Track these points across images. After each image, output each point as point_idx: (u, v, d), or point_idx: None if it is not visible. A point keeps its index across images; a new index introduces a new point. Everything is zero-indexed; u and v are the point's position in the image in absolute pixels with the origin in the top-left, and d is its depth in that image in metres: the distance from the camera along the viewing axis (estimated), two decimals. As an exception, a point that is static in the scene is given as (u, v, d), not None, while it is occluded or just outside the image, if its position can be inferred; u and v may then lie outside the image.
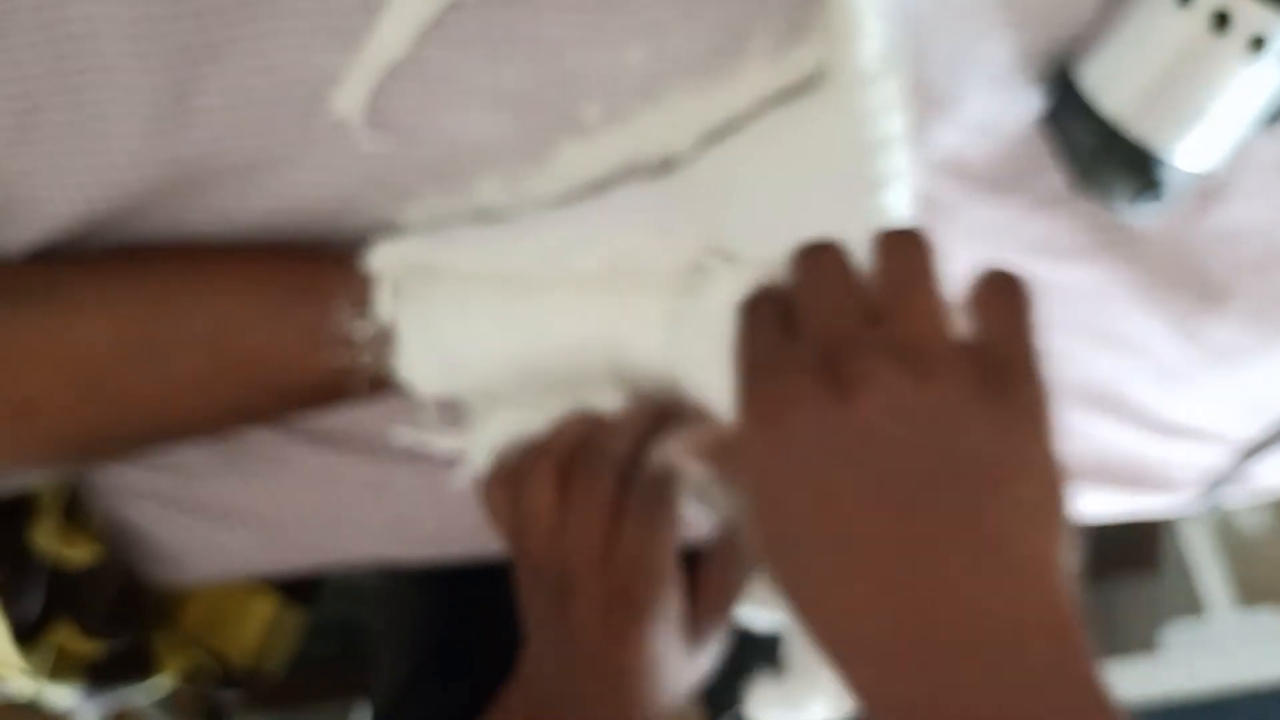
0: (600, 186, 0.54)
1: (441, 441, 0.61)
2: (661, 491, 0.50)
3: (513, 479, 0.52)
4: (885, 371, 0.38)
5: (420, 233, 0.55)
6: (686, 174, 0.54)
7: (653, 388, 0.53)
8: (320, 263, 0.54)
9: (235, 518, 0.68)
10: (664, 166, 0.54)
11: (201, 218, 0.55)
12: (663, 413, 0.51)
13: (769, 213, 0.53)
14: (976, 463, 0.37)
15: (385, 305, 0.53)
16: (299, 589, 0.83)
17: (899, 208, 0.52)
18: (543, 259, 0.53)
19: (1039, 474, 0.38)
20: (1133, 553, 1.91)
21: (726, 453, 0.46)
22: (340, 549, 0.69)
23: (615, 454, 0.50)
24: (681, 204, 0.53)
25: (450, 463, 0.61)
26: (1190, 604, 1.63)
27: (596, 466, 0.49)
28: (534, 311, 0.53)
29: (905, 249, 0.42)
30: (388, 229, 0.55)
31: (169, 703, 0.80)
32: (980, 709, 0.34)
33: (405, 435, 0.62)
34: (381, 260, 0.53)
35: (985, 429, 0.37)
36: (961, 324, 0.42)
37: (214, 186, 0.54)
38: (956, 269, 0.55)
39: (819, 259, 0.43)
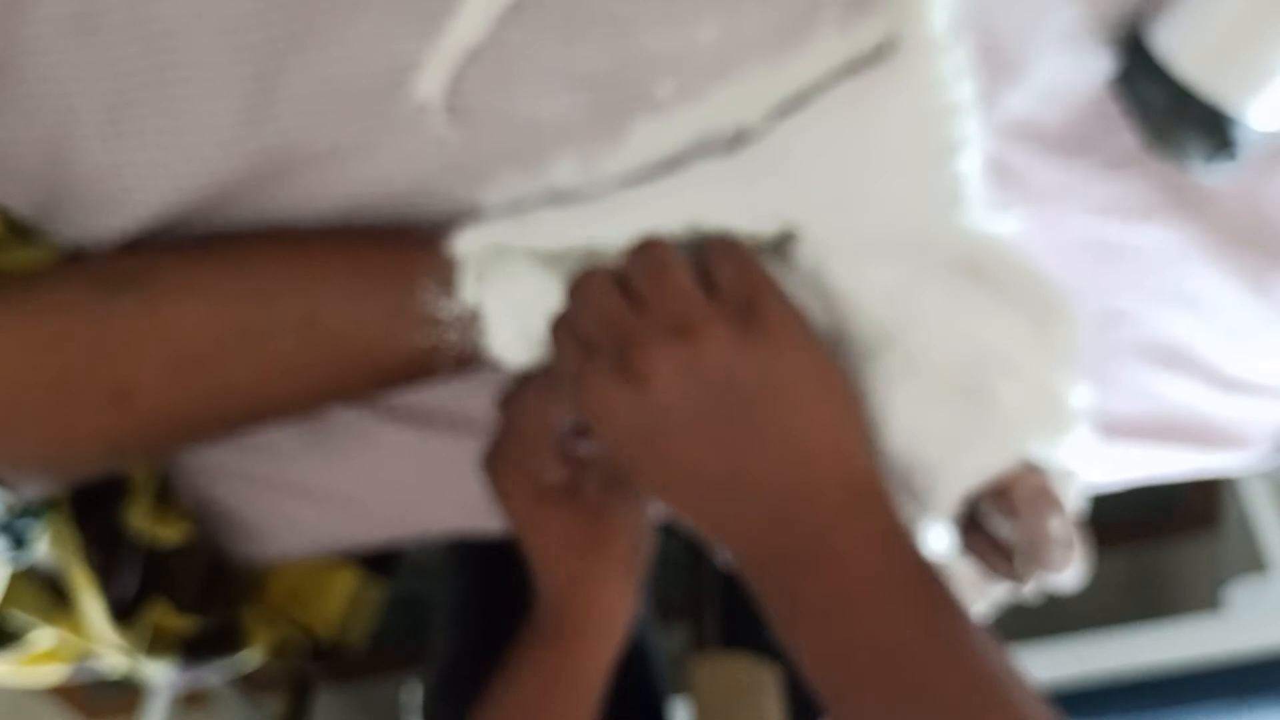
0: (673, 163, 0.56)
1: None
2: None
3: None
4: (662, 352, 0.49)
5: (500, 215, 0.56)
6: (758, 148, 0.55)
7: None
8: (405, 246, 0.56)
9: (320, 494, 0.70)
10: (736, 141, 0.55)
11: (287, 205, 0.57)
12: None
13: (841, 182, 0.54)
14: (751, 386, 0.50)
15: (470, 287, 0.55)
16: (380, 562, 0.86)
17: (970, 173, 0.53)
18: (621, 237, 0.54)
19: (802, 378, 0.51)
20: (1195, 512, 1.91)
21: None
22: (422, 522, 0.72)
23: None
24: (754, 177, 0.55)
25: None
26: (1253, 562, 1.62)
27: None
28: None
29: (646, 250, 0.53)
30: (468, 211, 0.57)
31: (249, 680, 0.82)
32: (789, 537, 0.50)
33: None
34: (465, 244, 0.55)
35: (749, 359, 0.50)
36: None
37: (299, 174, 0.55)
38: (1026, 233, 0.56)
39: (582, 285, 0.53)
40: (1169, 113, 0.52)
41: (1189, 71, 0.51)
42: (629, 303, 0.52)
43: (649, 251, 0.53)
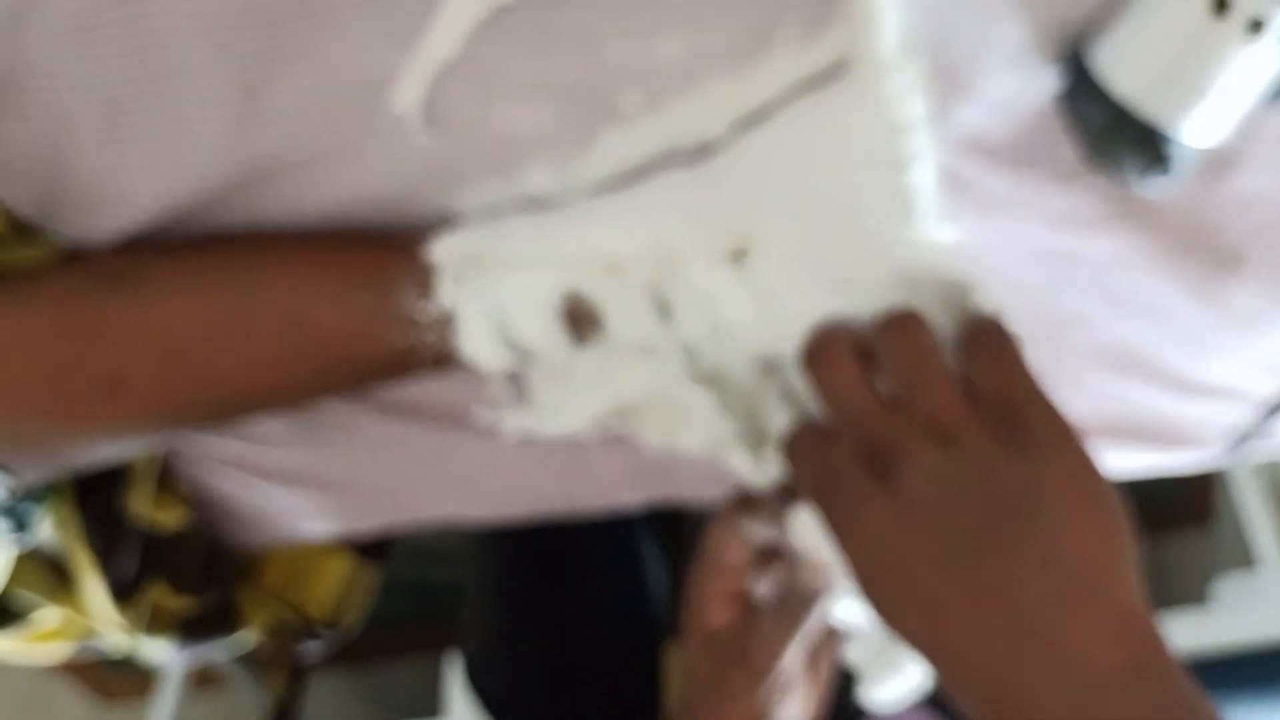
0: (641, 173, 0.58)
1: (512, 419, 0.65)
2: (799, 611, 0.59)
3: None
4: (916, 451, 0.45)
5: (476, 221, 0.58)
6: (721, 160, 0.57)
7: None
8: (385, 249, 0.58)
9: (312, 483, 0.72)
10: (700, 153, 0.57)
11: (275, 209, 0.59)
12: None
13: (800, 194, 0.56)
14: (1011, 500, 0.44)
15: (447, 290, 0.57)
16: (372, 548, 0.88)
17: (923, 186, 0.55)
18: (588, 246, 0.56)
19: (1070, 494, 0.44)
20: (1186, 507, 1.91)
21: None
22: (408, 510, 0.74)
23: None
24: (717, 188, 0.57)
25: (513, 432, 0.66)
26: (1242, 557, 1.63)
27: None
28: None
29: (905, 332, 0.49)
30: (446, 216, 0.59)
31: (252, 659, 0.84)
32: (1052, 701, 0.41)
33: (483, 415, 0.67)
34: (442, 251, 0.57)
35: (1010, 471, 0.44)
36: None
37: (286, 180, 0.57)
38: (980, 242, 0.57)
39: (830, 359, 0.50)
40: (1107, 129, 0.54)
41: (1125, 91, 0.52)
42: (876, 391, 0.47)
43: (909, 333, 0.48)
